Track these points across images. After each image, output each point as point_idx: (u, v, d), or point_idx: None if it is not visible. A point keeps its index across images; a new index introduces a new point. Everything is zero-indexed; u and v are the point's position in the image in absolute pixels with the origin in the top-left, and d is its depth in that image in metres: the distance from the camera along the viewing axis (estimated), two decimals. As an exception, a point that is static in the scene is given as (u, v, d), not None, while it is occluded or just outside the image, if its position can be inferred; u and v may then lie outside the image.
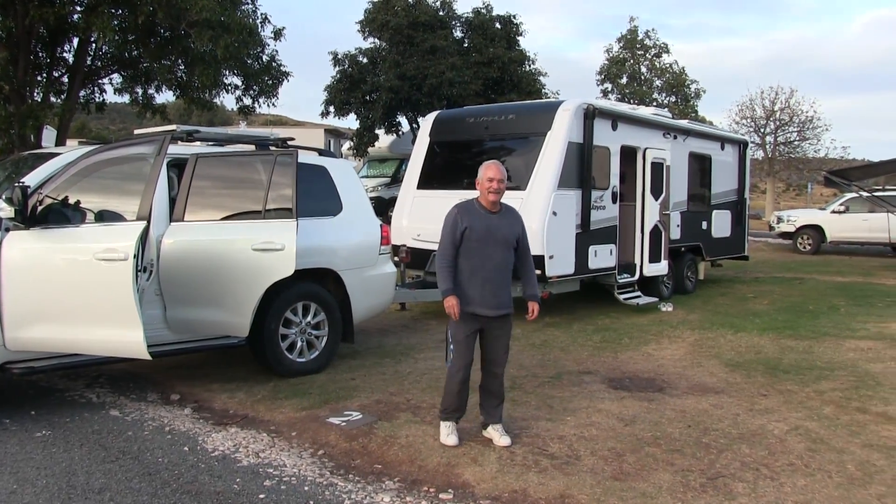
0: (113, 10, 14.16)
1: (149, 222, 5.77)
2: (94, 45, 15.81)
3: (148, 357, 5.71)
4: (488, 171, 5.25)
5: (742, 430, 5.76)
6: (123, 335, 5.63)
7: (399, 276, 9.84)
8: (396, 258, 10.05)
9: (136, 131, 7.75)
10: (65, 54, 16.37)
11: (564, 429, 5.73)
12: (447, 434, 5.39)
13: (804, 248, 23.03)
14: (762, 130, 39.07)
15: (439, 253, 5.30)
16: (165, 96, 19.21)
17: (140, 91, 17.58)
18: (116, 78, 17.45)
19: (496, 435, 5.44)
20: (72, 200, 6.03)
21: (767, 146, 39.08)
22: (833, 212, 22.84)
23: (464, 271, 5.24)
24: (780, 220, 24.30)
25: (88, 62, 16.22)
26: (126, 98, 17.74)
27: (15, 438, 5.50)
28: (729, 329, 9.90)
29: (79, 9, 14.50)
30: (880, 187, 22.60)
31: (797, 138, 39.17)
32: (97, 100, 17.75)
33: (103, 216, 6.05)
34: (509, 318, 5.47)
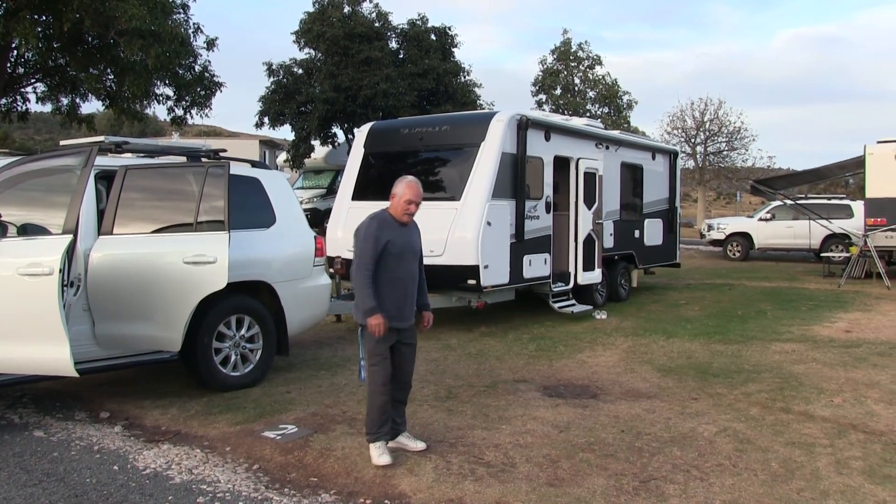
0: (36, 17, 13.81)
1: (75, 236, 5.64)
2: (15, 51, 15.38)
3: (75, 374, 5.57)
4: (408, 191, 5.21)
5: (673, 433, 5.89)
6: (49, 352, 5.48)
7: (334, 288, 9.79)
8: (331, 270, 10.01)
9: (63, 142, 7.57)
10: (-17, 61, 15.89)
11: (500, 437, 5.78)
12: (379, 455, 5.20)
13: (734, 254, 23.69)
14: (693, 140, 40.02)
15: (360, 268, 5.12)
16: (94, 106, 18.85)
17: (65, 100, 17.17)
18: (40, 86, 17.02)
19: (409, 442, 5.45)
20: (-7, 214, 5.86)
21: (698, 156, 40.04)
22: (760, 219, 23.57)
23: (383, 286, 5.13)
24: (710, 227, 24.96)
25: (10, 69, 15.76)
26: (49, 107, 17.32)
27: (-67, 461, 5.30)
28: (661, 335, 10.11)
29: (-2, 14, 14.10)
30: (803, 196, 23.43)
31: (726, 148, 40.24)
32: (20, 109, 17.26)
33: (27, 230, 5.89)
34: (414, 328, 5.48)
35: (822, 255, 19.89)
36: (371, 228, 5.18)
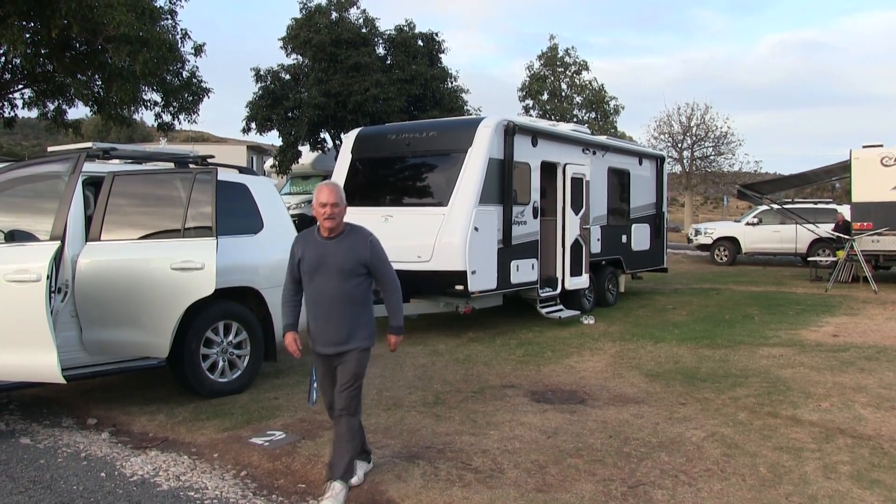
0: (24, 23, 13.76)
1: (63, 242, 5.62)
2: (2, 57, 15.32)
3: (62, 381, 5.55)
4: (320, 195, 4.67)
5: (661, 438, 5.91)
6: (36, 359, 5.46)
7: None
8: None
9: (50, 148, 7.55)
10: (-30, 66, 15.82)
11: (488, 443, 5.78)
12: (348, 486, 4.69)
13: (721, 259, 23.79)
14: (679, 145, 40.25)
15: (284, 286, 4.96)
16: (81, 112, 18.83)
17: (52, 106, 17.11)
18: (28, 92, 16.95)
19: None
20: (-21, 220, 5.83)
21: (685, 161, 40.26)
22: (747, 224, 23.69)
23: (307, 306, 4.83)
24: (697, 232, 25.07)
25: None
26: (36, 112, 17.25)
27: (-82, 470, 5.26)
28: (649, 340, 10.15)
29: (-15, 20, 14.04)
30: (790, 200, 23.55)
31: (713, 153, 40.49)
32: (7, 115, 17.19)
33: (14, 236, 5.87)
34: (356, 353, 4.73)
35: (810, 259, 20.02)
36: (293, 244, 4.92)
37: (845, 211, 21.06)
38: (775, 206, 21.66)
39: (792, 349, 9.47)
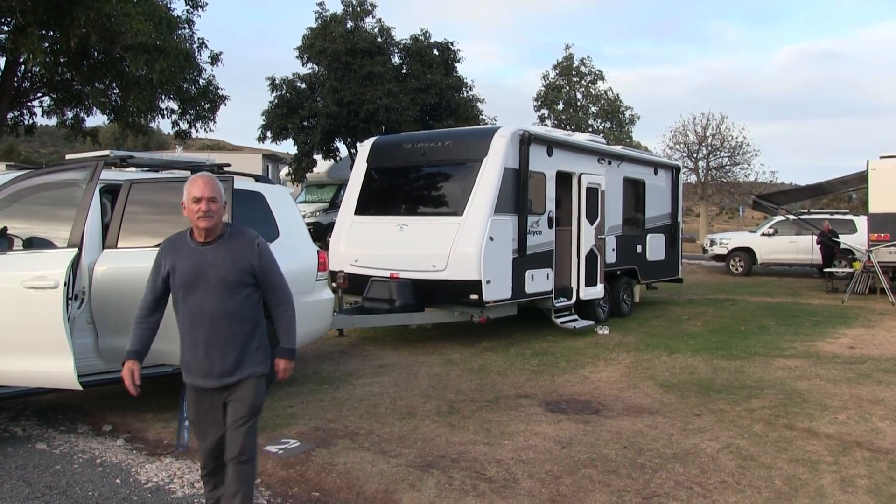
0: (43, 32, 13.92)
1: (80, 249, 5.66)
2: (22, 66, 15.49)
3: (78, 387, 5.58)
4: (193, 188, 3.82)
5: (676, 449, 5.88)
6: (53, 365, 5.49)
7: (337, 303, 9.79)
8: (334, 284, 10.02)
9: (68, 156, 7.61)
10: (-9, 75, 16.01)
11: (502, 452, 5.77)
12: None
13: (736, 269, 23.66)
14: (695, 155, 40.06)
15: (140, 305, 3.99)
16: (99, 120, 19.01)
17: (70, 114, 17.28)
18: (46, 100, 17.13)
19: None
20: (-1, 227, 5.89)
21: (700, 171, 40.07)
22: (763, 234, 23.55)
23: (179, 328, 3.89)
24: (713, 242, 24.94)
25: (16, 83, 15.87)
26: (55, 120, 17.44)
27: (-64, 474, 5.30)
28: (664, 351, 10.10)
29: (6, 29, 14.21)
30: (806, 210, 23.42)
31: (728, 163, 40.25)
32: (26, 122, 17.38)
33: (32, 243, 5.92)
34: (250, 381, 3.89)
35: (826, 270, 19.87)
36: (157, 253, 3.97)
37: (860, 222, 20.94)
38: (791, 217, 21.55)
39: (808, 361, 9.41)
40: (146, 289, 3.95)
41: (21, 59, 14.84)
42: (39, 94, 16.99)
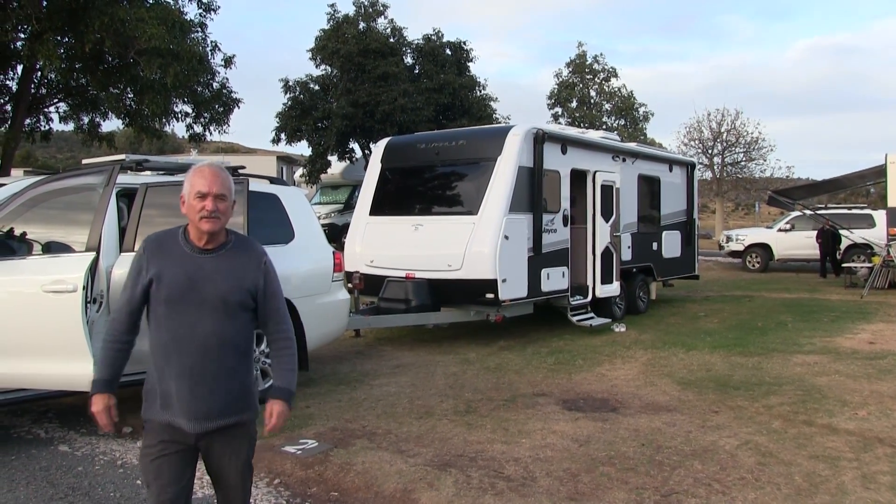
0: (59, 38, 14.03)
1: (98, 253, 5.71)
2: (39, 72, 15.63)
3: (98, 390, 5.61)
4: (198, 180, 3.11)
5: (694, 446, 5.86)
6: (72, 368, 5.53)
7: (353, 303, 9.82)
8: (350, 285, 10.05)
9: (85, 161, 7.67)
10: (8, 82, 16.16)
11: (520, 451, 5.77)
12: None
13: (753, 266, 23.53)
14: (710, 152, 39.91)
15: (110, 317, 3.25)
16: (114, 124, 19.15)
17: (86, 119, 17.42)
18: (62, 106, 17.27)
19: None
20: (18, 232, 5.95)
21: (715, 167, 39.91)
22: (780, 230, 23.41)
23: (155, 352, 3.09)
24: (729, 239, 24.81)
25: (33, 90, 16.01)
26: (71, 126, 17.59)
27: (-41, 477, 5.36)
28: (681, 348, 10.06)
29: (22, 36, 14.33)
30: (823, 205, 23.23)
31: (744, 159, 40.10)
32: (42, 128, 17.53)
33: (51, 248, 5.97)
34: (244, 430, 3.21)
35: (844, 265, 19.73)
36: (136, 255, 3.19)
37: (879, 216, 20.77)
38: (808, 212, 21.39)
39: (827, 357, 9.34)
40: (120, 300, 3.16)
41: (38, 66, 14.98)
42: (55, 100, 17.13)
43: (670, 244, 14.66)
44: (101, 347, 3.17)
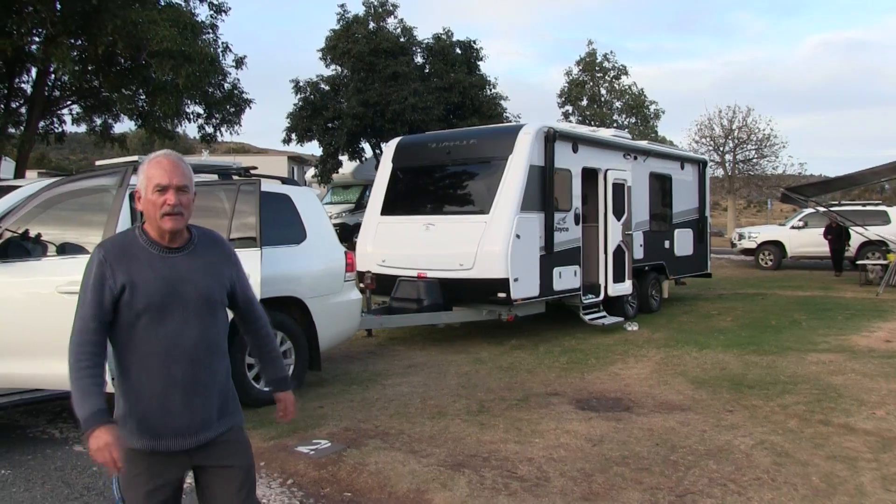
0: (72, 41, 14.11)
1: (111, 254, 5.71)
2: (52, 75, 15.72)
3: (112, 390, 5.63)
4: (156, 171, 2.78)
5: (709, 446, 5.82)
6: (86, 369, 5.54)
7: (364, 303, 9.83)
8: (362, 285, 10.06)
9: (98, 163, 7.69)
10: (23, 85, 16.26)
11: (533, 451, 5.75)
12: None
13: (766, 263, 23.41)
14: (721, 149, 39.78)
15: (72, 337, 2.75)
16: (126, 126, 19.23)
17: (99, 121, 17.51)
18: (76, 108, 17.37)
19: None
20: (32, 234, 5.97)
21: (727, 164, 39.77)
22: (793, 227, 23.28)
23: (131, 371, 2.78)
24: (741, 236, 24.70)
25: (47, 92, 16.10)
26: (84, 128, 17.69)
27: (-25, 478, 5.39)
28: (694, 346, 10.01)
29: (37, 40, 14.42)
30: (836, 202, 23.09)
31: (755, 156, 39.94)
32: (56, 130, 17.64)
33: (65, 249, 5.99)
34: (236, 434, 2.94)
35: (858, 262, 19.59)
36: (93, 264, 2.79)
37: (894, 213, 20.65)
38: (821, 209, 21.26)
39: (842, 355, 9.27)
40: (82, 317, 2.74)
41: (51, 69, 15.06)
42: (69, 103, 17.22)
43: (682, 242, 14.60)
44: (76, 374, 2.67)
